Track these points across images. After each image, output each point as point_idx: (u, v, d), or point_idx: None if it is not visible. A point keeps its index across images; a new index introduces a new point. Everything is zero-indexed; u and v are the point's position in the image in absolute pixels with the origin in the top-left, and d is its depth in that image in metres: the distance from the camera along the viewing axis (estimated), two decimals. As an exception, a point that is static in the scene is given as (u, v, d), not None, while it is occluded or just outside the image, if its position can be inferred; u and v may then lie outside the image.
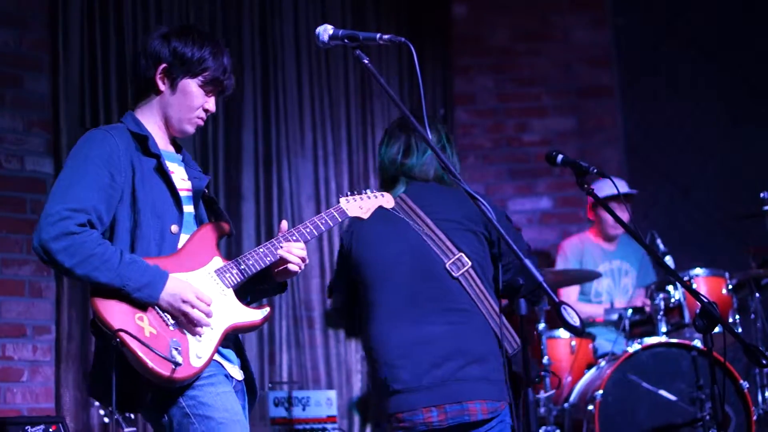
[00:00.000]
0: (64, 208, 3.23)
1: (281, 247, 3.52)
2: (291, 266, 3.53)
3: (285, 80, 7.00)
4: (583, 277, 6.61)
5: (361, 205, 3.80)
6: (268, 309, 3.52)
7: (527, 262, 2.99)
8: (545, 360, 5.91)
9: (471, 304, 4.07)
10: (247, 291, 3.57)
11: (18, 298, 5.85)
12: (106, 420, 5.24)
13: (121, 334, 3.15)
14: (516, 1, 8.00)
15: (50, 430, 4.69)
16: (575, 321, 2.92)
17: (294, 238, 3.56)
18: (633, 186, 6.99)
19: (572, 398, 5.96)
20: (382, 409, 4.13)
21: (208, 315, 3.33)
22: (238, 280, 3.47)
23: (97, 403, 5.41)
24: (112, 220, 3.34)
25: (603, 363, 5.90)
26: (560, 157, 4.68)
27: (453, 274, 4.08)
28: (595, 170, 4.61)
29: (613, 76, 8.02)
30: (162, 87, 3.50)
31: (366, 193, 3.86)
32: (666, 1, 8.09)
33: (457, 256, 4.09)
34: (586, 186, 4.71)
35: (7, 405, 5.71)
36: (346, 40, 3.34)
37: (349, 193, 3.82)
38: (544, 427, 5.86)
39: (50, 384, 5.86)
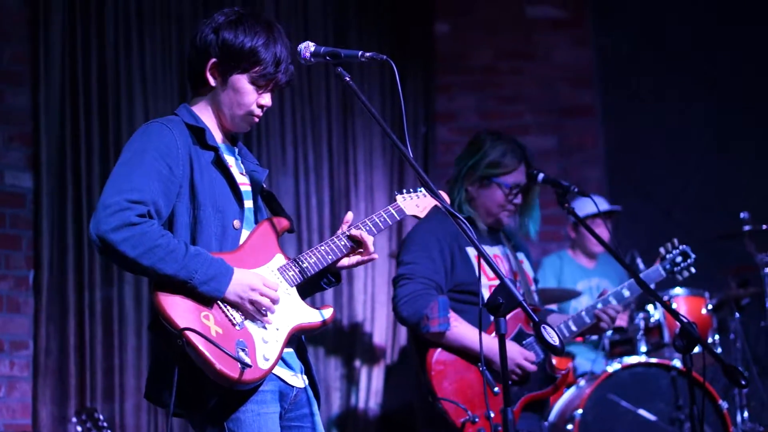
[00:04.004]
0: (123, 199, 3.07)
1: (342, 245, 3.40)
2: (365, 256, 3.42)
3: (267, 96, 6.98)
4: (562, 295, 6.60)
5: (417, 203, 3.65)
6: (331, 309, 3.40)
7: (507, 281, 2.97)
8: None
9: None
10: (303, 287, 3.42)
11: (-5, 313, 5.82)
12: (83, 436, 5.19)
13: (188, 333, 3.01)
14: (498, 20, 7.99)
15: (26, 446, 4.65)
16: (555, 340, 2.91)
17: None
18: (614, 205, 7.00)
19: (551, 417, 5.94)
20: None
21: (275, 302, 3.21)
22: (299, 279, 3.34)
23: (74, 419, 5.36)
24: (170, 214, 3.21)
25: (582, 382, 5.89)
26: (541, 175, 4.71)
27: None
28: (576, 189, 4.64)
29: (595, 96, 8.03)
30: (213, 82, 3.35)
31: (421, 191, 3.70)
32: (649, 21, 8.11)
33: None
34: (566, 205, 4.74)
35: (-17, 420, 5.68)
36: (327, 57, 3.32)
37: (404, 191, 3.66)
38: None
39: (27, 400, 5.82)
